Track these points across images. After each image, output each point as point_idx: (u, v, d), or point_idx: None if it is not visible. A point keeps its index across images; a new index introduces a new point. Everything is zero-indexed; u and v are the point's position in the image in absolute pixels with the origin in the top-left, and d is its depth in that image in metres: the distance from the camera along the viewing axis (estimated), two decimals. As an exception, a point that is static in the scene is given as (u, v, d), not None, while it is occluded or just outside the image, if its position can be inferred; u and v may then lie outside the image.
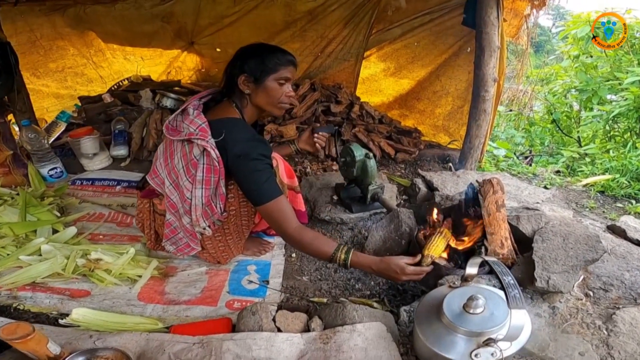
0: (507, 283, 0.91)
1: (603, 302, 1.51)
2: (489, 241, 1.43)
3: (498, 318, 0.98)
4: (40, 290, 1.60)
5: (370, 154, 1.98)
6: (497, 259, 1.04)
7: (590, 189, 2.87)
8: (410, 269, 1.32)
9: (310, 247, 1.41)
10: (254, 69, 1.48)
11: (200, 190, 1.44)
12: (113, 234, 2.05)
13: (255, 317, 1.23)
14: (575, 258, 1.35)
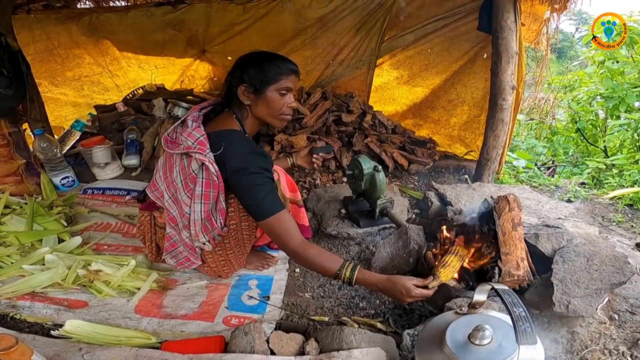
0: (518, 316, 0.82)
1: (629, 325, 1.39)
2: (503, 262, 1.32)
3: (506, 350, 0.88)
4: (38, 300, 1.60)
5: (379, 167, 1.90)
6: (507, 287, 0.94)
7: (617, 202, 2.72)
8: (416, 292, 1.22)
9: (314, 263, 1.33)
10: (253, 79, 1.42)
11: (199, 205, 1.39)
12: (118, 244, 2.03)
13: (248, 337, 1.16)
14: (600, 281, 1.24)
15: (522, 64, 2.54)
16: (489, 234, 1.41)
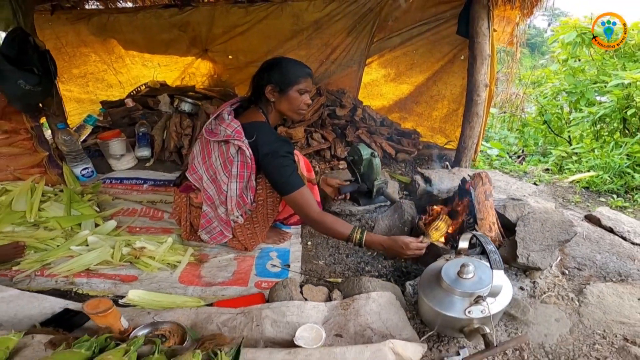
0: (490, 250, 1.17)
1: (577, 279, 1.77)
2: (479, 225, 1.69)
3: (485, 281, 1.24)
4: (94, 277, 1.82)
5: (375, 153, 2.24)
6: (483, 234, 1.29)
7: (576, 185, 3.13)
8: (413, 245, 1.59)
9: (330, 228, 1.68)
10: (279, 81, 1.73)
11: (235, 183, 1.70)
12: (148, 226, 2.28)
13: (287, 289, 1.49)
14: (551, 239, 1.62)
15: (494, 65, 2.90)
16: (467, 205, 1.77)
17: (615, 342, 1.42)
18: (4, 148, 2.54)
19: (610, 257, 1.90)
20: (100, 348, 1.05)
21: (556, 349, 1.41)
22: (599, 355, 1.36)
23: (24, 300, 1.58)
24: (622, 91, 3.66)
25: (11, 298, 1.58)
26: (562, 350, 1.40)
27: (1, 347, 1.04)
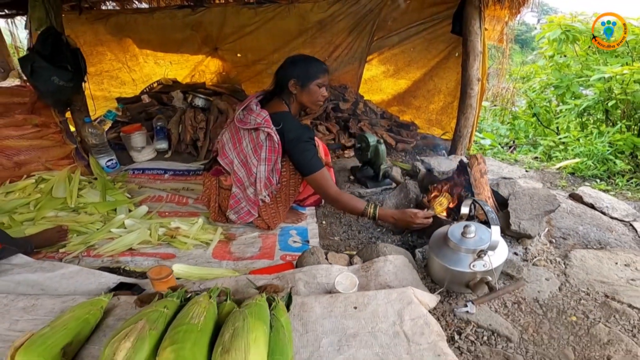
0: (487, 210, 1.42)
1: (562, 246, 2.03)
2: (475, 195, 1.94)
3: (484, 239, 1.49)
4: (137, 255, 1.98)
5: (381, 140, 2.50)
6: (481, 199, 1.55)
7: (562, 171, 3.40)
8: (420, 215, 1.86)
9: (347, 204, 1.93)
10: (301, 76, 1.97)
11: (263, 166, 1.94)
12: (176, 211, 2.48)
13: (314, 256, 1.72)
14: (538, 209, 1.88)
15: (485, 61, 3.16)
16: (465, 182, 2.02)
17: (597, 298, 1.66)
18: (36, 141, 2.74)
19: (591, 228, 2.16)
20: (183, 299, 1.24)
21: (548, 302, 1.64)
22: (585, 309, 1.59)
23: (83, 276, 1.75)
24: (604, 84, 3.94)
25: (71, 274, 1.75)
26: (553, 304, 1.63)
27: (96, 307, 1.24)
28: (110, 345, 0.90)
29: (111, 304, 1.33)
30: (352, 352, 1.09)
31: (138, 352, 0.88)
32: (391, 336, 1.14)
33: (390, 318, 1.20)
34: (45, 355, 1.00)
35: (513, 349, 1.43)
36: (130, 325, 0.94)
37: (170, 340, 0.89)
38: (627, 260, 1.89)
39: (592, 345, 1.42)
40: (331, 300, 1.27)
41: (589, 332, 1.48)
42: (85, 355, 1.13)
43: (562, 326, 1.53)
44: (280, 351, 0.96)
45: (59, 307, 1.35)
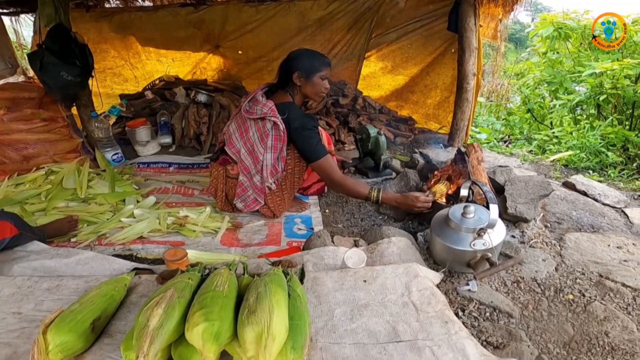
0: (485, 190, 1.51)
1: (557, 230, 2.13)
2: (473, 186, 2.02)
3: (483, 218, 1.58)
4: (147, 243, 2.03)
5: (381, 132, 2.58)
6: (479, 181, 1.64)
7: (556, 163, 3.50)
8: (422, 198, 1.95)
9: (351, 189, 2.02)
10: (305, 68, 2.06)
11: (270, 154, 2.02)
12: (182, 202, 2.54)
13: (321, 239, 1.80)
14: (533, 194, 1.97)
15: (480, 56, 3.25)
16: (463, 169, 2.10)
17: (592, 277, 1.75)
18: (44, 134, 2.79)
19: (584, 213, 2.26)
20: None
21: (546, 282, 1.72)
22: (581, 288, 1.68)
23: (97, 262, 1.80)
24: (595, 80, 4.05)
25: (87, 260, 1.79)
26: (550, 283, 1.71)
27: (120, 285, 1.30)
28: (143, 312, 0.97)
29: (133, 282, 1.40)
30: (364, 321, 1.17)
31: (169, 317, 0.95)
32: (400, 306, 1.22)
33: (398, 290, 1.28)
34: (76, 330, 1.05)
35: (515, 324, 1.51)
36: (160, 294, 1.01)
37: (199, 305, 0.96)
38: (619, 243, 1.99)
39: (589, 322, 1.50)
40: (342, 275, 1.34)
41: (586, 310, 1.56)
42: (112, 330, 1.19)
43: (560, 304, 1.61)
44: (299, 317, 1.04)
45: (83, 287, 1.41)
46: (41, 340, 1.01)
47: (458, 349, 1.08)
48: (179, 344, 0.99)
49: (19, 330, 1.22)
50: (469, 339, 1.12)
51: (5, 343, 1.15)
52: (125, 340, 1.01)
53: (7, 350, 1.12)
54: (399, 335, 1.12)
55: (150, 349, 0.89)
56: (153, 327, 0.92)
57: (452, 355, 1.06)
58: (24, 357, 1.10)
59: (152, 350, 0.90)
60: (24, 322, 1.26)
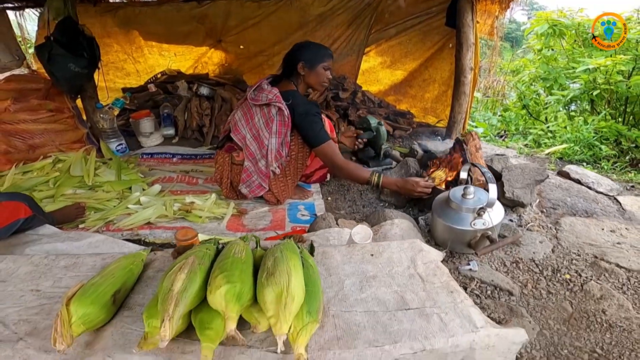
0: (484, 171, 1.58)
1: (553, 215, 2.21)
2: (472, 172, 2.10)
3: (482, 199, 1.65)
4: (155, 228, 2.09)
5: (381, 122, 2.65)
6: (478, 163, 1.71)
7: (551, 156, 3.60)
8: (422, 183, 2.03)
9: (353, 172, 2.11)
10: (309, 59, 2.14)
11: (274, 138, 2.10)
12: (187, 190, 2.60)
13: (326, 221, 1.86)
14: (529, 179, 2.05)
15: (477, 51, 3.33)
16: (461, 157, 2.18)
17: (587, 259, 1.83)
18: (50, 124, 2.84)
19: (578, 200, 2.34)
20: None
21: (543, 262, 1.80)
22: (577, 268, 1.76)
23: (108, 245, 1.83)
24: (589, 75, 4.15)
25: (97, 243, 1.83)
26: (548, 263, 1.79)
27: (138, 259, 1.35)
28: (167, 277, 1.02)
29: (149, 258, 1.45)
30: (373, 290, 1.23)
31: (192, 282, 1.00)
32: (407, 277, 1.28)
33: (404, 263, 1.34)
34: (98, 302, 1.06)
35: (515, 301, 1.58)
36: (182, 261, 1.06)
37: (219, 270, 1.01)
38: (613, 227, 2.07)
39: (587, 300, 1.58)
40: (349, 249, 1.41)
41: (582, 289, 1.64)
42: (131, 304, 1.22)
43: (557, 283, 1.69)
44: (312, 284, 1.09)
45: (100, 263, 1.45)
46: (64, 313, 1.01)
47: (464, 315, 1.13)
48: (198, 311, 1.03)
49: (38, 307, 1.23)
50: (474, 307, 1.18)
51: (24, 320, 1.16)
52: (147, 309, 1.04)
53: (26, 327, 1.13)
54: (407, 304, 1.17)
55: (175, 311, 0.94)
56: (177, 290, 0.96)
57: (459, 321, 1.11)
58: (44, 333, 1.10)
59: (177, 312, 0.94)
60: (43, 299, 1.27)
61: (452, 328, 1.09)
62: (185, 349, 1.03)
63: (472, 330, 1.09)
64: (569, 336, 1.42)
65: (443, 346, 1.05)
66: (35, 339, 1.08)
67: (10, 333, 1.10)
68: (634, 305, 1.57)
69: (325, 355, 1.01)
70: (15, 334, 1.10)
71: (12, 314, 1.18)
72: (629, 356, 1.32)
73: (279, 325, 0.91)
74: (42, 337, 1.08)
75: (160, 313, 0.95)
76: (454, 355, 1.07)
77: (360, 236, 1.44)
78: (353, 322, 1.11)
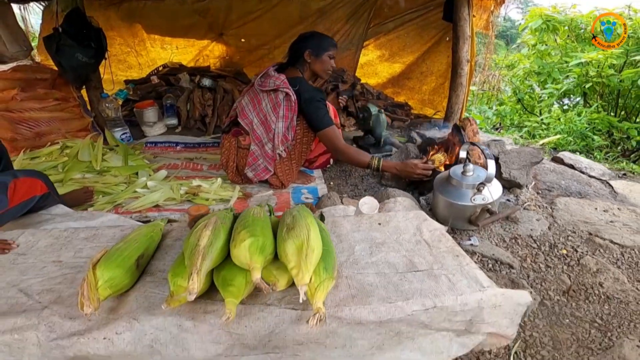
0: (482, 148, 1.67)
1: (548, 196, 2.30)
2: (471, 155, 2.18)
3: (481, 175, 1.74)
4: (163, 211, 2.13)
5: (381, 110, 2.74)
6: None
7: (545, 147, 3.70)
8: (421, 165, 2.12)
9: (354, 156, 2.20)
10: (315, 47, 2.23)
11: (281, 122, 2.17)
12: (192, 175, 2.64)
13: (331, 199, 1.94)
14: (525, 161, 2.14)
15: (474, 44, 3.41)
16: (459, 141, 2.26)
17: (582, 235, 1.91)
18: (56, 113, 2.89)
19: (572, 182, 2.44)
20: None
21: (541, 238, 1.88)
22: (573, 244, 1.85)
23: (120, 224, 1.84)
24: (582, 69, 4.26)
25: (109, 222, 1.87)
26: (545, 239, 1.87)
27: (157, 229, 1.41)
28: (193, 234, 1.08)
29: (166, 229, 1.51)
30: (382, 255, 1.30)
31: (217, 238, 1.07)
32: (414, 243, 1.36)
33: (410, 230, 1.42)
34: (123, 265, 1.11)
35: (516, 274, 1.66)
36: (205, 220, 1.13)
37: (242, 226, 1.08)
38: (605, 207, 2.16)
39: (584, 274, 1.66)
40: (358, 219, 1.48)
41: (579, 263, 1.72)
42: (152, 270, 1.28)
43: (555, 257, 1.77)
44: (327, 244, 1.16)
45: (119, 234, 1.51)
46: (91, 276, 1.04)
47: (471, 276, 1.21)
48: (220, 270, 1.09)
49: (61, 276, 1.26)
50: (479, 270, 1.25)
51: (48, 289, 1.19)
52: (172, 269, 1.09)
53: (50, 296, 1.16)
54: (416, 266, 1.25)
55: (203, 264, 1.00)
56: (204, 245, 1.03)
57: (466, 281, 1.19)
58: (69, 301, 1.13)
59: (204, 266, 1.00)
60: (65, 269, 1.31)
61: (460, 287, 1.16)
62: (207, 309, 1.09)
63: (479, 289, 1.16)
64: (569, 307, 1.49)
65: (452, 304, 1.11)
66: (60, 306, 1.11)
67: (34, 302, 1.13)
68: (629, 278, 1.65)
69: (342, 311, 1.08)
70: (39, 303, 1.13)
71: (35, 285, 1.22)
72: (628, 326, 1.39)
73: (301, 275, 0.98)
74: (67, 305, 1.12)
75: (188, 268, 1.01)
76: (464, 314, 1.14)
77: (368, 206, 1.52)
78: (366, 283, 1.18)
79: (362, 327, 1.09)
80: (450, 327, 1.15)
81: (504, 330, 1.23)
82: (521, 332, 1.36)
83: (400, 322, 1.10)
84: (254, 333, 1.06)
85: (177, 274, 1.06)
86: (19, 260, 1.37)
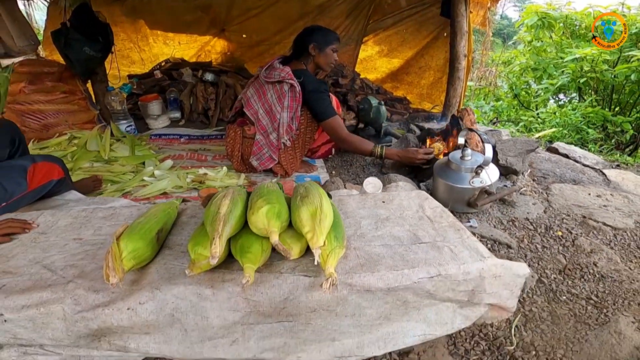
0: (480, 133, 1.75)
1: (543, 182, 2.38)
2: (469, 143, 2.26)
3: (479, 159, 1.82)
4: (171, 198, 2.17)
5: (382, 102, 2.81)
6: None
7: (541, 139, 3.79)
8: (421, 151, 2.21)
9: (357, 145, 2.28)
10: (320, 41, 2.31)
11: (286, 113, 2.24)
12: (197, 165, 2.71)
13: (335, 184, 2.01)
14: (521, 149, 2.23)
15: (471, 40, 3.50)
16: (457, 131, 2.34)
17: (577, 218, 2.00)
18: (63, 105, 2.94)
19: (566, 170, 2.52)
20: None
21: (537, 221, 1.95)
22: (568, 226, 1.93)
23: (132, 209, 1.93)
24: (576, 65, 4.36)
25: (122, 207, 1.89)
26: (541, 222, 1.95)
27: (172, 207, 1.47)
28: (213, 204, 1.14)
29: (181, 208, 1.57)
30: (387, 229, 1.37)
31: (235, 206, 1.13)
32: (417, 219, 1.43)
33: (413, 207, 1.49)
34: (145, 238, 1.16)
35: (514, 253, 1.73)
36: (223, 192, 1.20)
37: (258, 196, 1.15)
38: (599, 193, 2.24)
39: (579, 254, 1.73)
40: (362, 197, 1.55)
41: (574, 244, 1.80)
42: (171, 244, 1.33)
43: (551, 239, 1.84)
44: (336, 216, 1.23)
45: (136, 213, 1.56)
46: (115, 248, 1.08)
47: (472, 248, 1.27)
48: (238, 238, 1.15)
49: (83, 253, 1.30)
50: (479, 242, 1.32)
51: (71, 265, 1.23)
52: (191, 239, 1.14)
53: (74, 271, 1.20)
54: (420, 239, 1.32)
55: (224, 230, 1.06)
56: (224, 212, 1.09)
57: (468, 252, 1.25)
58: (92, 275, 1.17)
59: (225, 231, 1.06)
60: (87, 246, 1.35)
61: (462, 257, 1.22)
62: (224, 278, 1.15)
63: (480, 259, 1.22)
64: (565, 284, 1.56)
65: (456, 272, 1.18)
66: (84, 280, 1.15)
67: (58, 277, 1.17)
68: (622, 258, 1.73)
69: (352, 278, 1.14)
70: (63, 277, 1.17)
71: (58, 261, 1.26)
72: (622, 304, 1.46)
73: (315, 238, 1.04)
74: (90, 279, 1.16)
75: (209, 233, 1.07)
76: (466, 283, 1.20)
77: (372, 186, 1.59)
78: (373, 253, 1.24)
79: (370, 295, 1.15)
80: (454, 297, 1.21)
81: (505, 301, 1.29)
82: (521, 307, 1.43)
83: (406, 291, 1.16)
84: (270, 300, 1.11)
85: (198, 242, 1.11)
86: (41, 239, 1.41)
